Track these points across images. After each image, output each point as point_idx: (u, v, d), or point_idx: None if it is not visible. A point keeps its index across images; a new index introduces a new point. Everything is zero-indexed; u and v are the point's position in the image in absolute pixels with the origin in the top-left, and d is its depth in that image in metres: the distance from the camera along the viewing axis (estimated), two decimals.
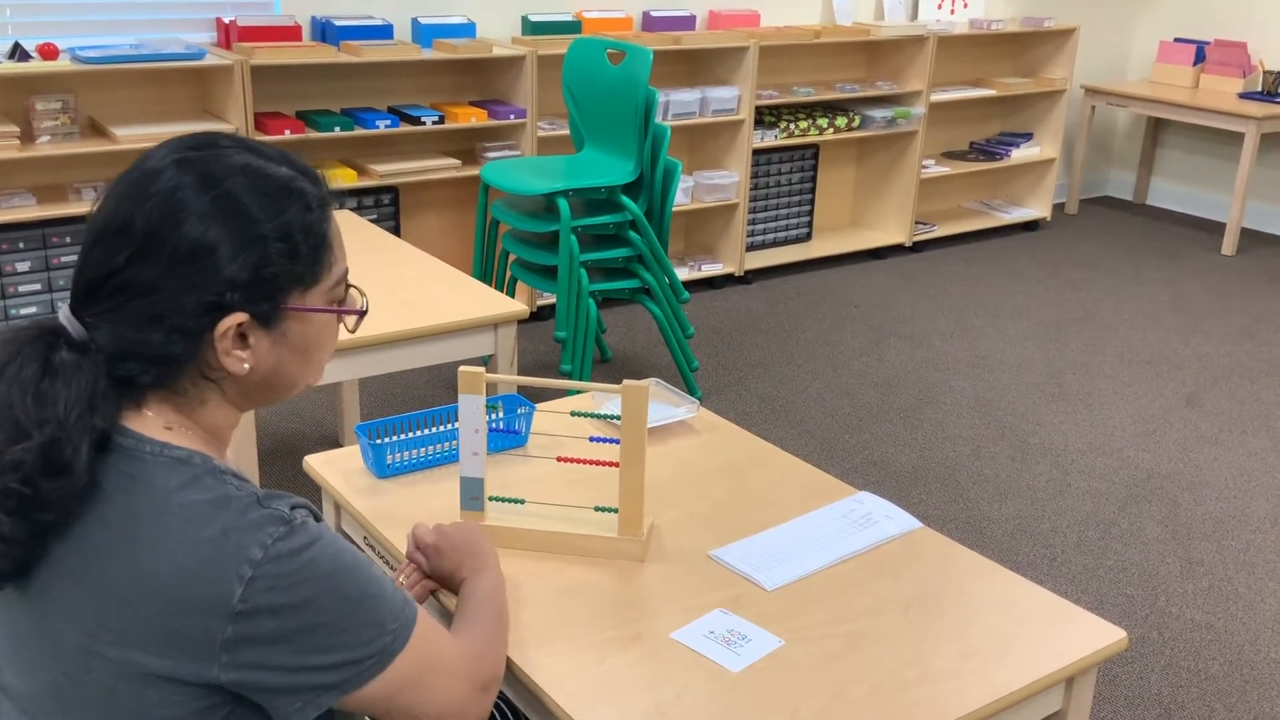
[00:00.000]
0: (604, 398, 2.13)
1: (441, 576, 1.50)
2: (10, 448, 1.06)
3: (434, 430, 1.92)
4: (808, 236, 5.59)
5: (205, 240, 1.11)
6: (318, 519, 1.18)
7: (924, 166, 5.67)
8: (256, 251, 1.13)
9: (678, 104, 4.73)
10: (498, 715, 1.51)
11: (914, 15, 5.74)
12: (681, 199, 4.88)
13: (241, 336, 1.15)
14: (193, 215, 1.11)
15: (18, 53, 3.59)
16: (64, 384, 1.09)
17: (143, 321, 1.11)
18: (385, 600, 1.16)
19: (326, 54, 3.97)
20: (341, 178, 4.11)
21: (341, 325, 1.26)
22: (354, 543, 1.84)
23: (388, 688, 1.15)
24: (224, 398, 1.19)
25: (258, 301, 1.14)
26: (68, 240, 3.75)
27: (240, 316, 1.14)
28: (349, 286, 1.25)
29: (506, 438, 1.95)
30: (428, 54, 4.17)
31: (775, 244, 5.48)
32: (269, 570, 1.08)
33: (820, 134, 5.24)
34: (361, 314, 1.25)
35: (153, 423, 1.15)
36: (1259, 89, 6.07)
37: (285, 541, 1.10)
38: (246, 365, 1.16)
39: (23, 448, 1.06)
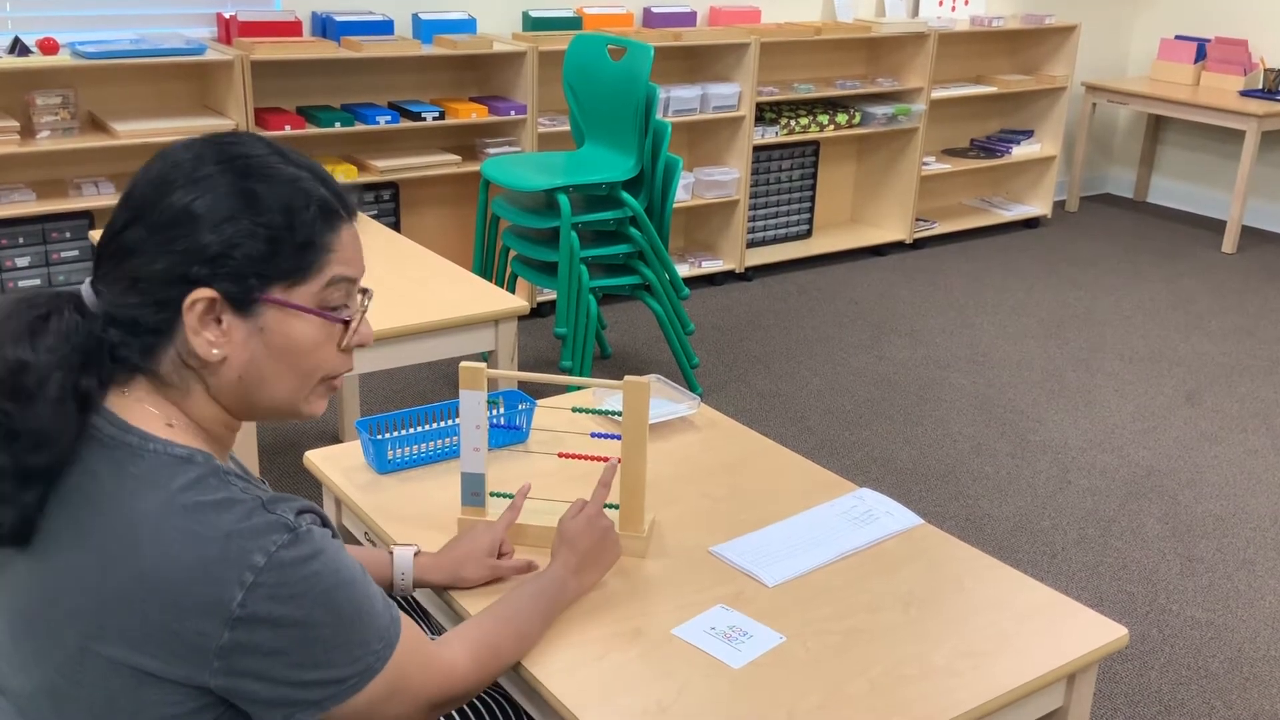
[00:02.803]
0: (605, 394, 2.13)
1: (555, 539, 1.55)
2: None
3: (435, 426, 1.92)
4: (808, 233, 5.59)
5: (185, 210, 1.12)
6: (325, 522, 1.18)
7: (924, 163, 5.67)
8: (231, 230, 1.13)
9: (678, 100, 4.73)
10: (499, 712, 1.51)
11: (915, 12, 5.74)
12: (682, 195, 4.87)
13: (217, 320, 1.14)
14: (180, 186, 1.13)
15: (18, 48, 3.58)
16: (55, 330, 1.11)
17: (125, 284, 1.13)
18: (375, 618, 1.17)
19: (327, 49, 3.97)
20: (342, 174, 4.10)
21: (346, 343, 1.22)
22: (355, 539, 1.84)
23: (360, 705, 1.17)
24: (208, 392, 1.17)
25: (224, 281, 1.13)
26: (67, 235, 3.75)
27: (207, 292, 1.13)
28: (363, 306, 1.23)
29: (507, 433, 1.95)
30: (428, 50, 4.17)
31: (775, 241, 5.48)
32: (270, 578, 1.08)
33: (821, 131, 5.23)
34: (346, 324, 1.20)
35: (154, 419, 1.14)
36: (1260, 87, 6.07)
37: (288, 550, 1.09)
38: (216, 350, 1.15)
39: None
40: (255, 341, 1.16)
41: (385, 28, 4.21)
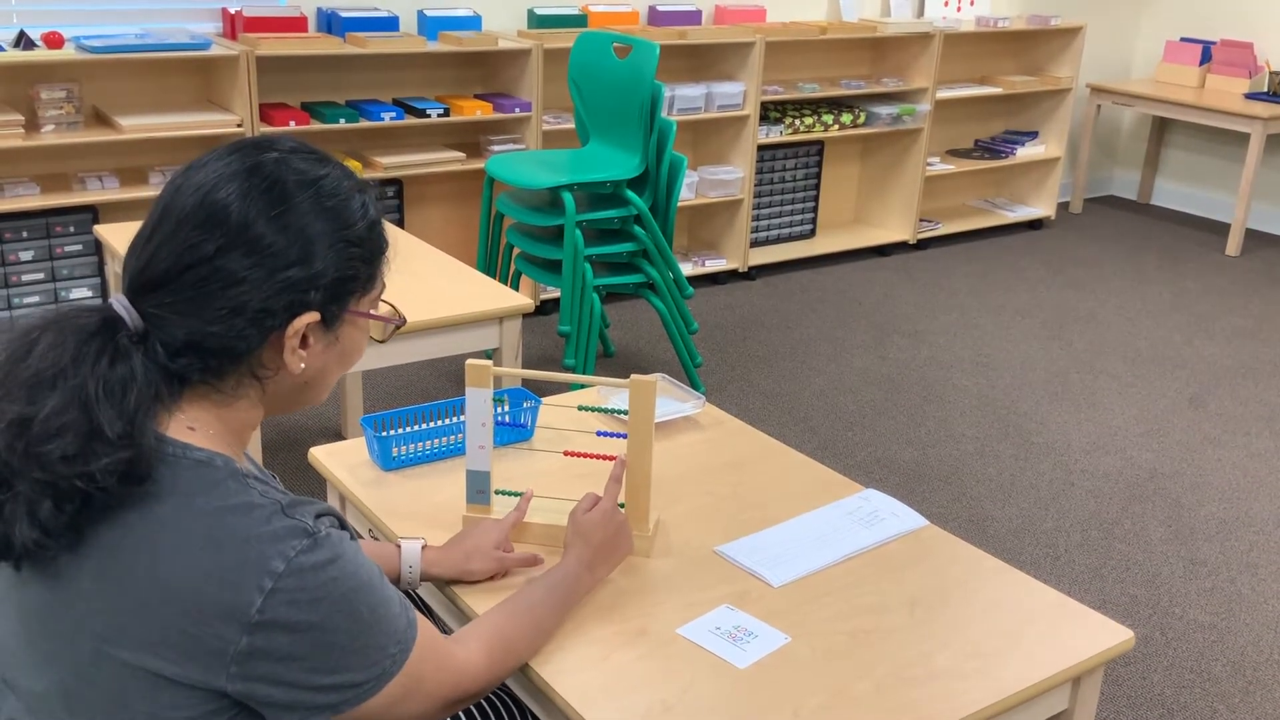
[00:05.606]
0: (610, 392, 2.12)
1: (568, 533, 1.54)
2: (93, 453, 1.05)
3: (440, 423, 1.91)
4: (812, 233, 5.58)
5: (300, 237, 1.13)
6: (343, 525, 1.18)
7: (929, 164, 5.66)
8: (339, 254, 1.15)
9: (683, 99, 4.72)
10: (504, 711, 1.51)
11: (920, 12, 5.73)
12: (686, 194, 4.87)
13: (303, 336, 1.16)
14: (290, 212, 1.13)
15: (23, 41, 3.58)
16: (134, 382, 1.08)
17: (222, 313, 1.11)
18: (391, 622, 1.17)
19: (332, 45, 3.97)
20: None
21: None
22: (359, 535, 1.84)
23: (376, 707, 1.17)
24: (261, 398, 1.19)
25: (329, 303, 1.16)
26: (71, 230, 3.75)
27: (314, 316, 1.15)
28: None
29: (512, 431, 1.95)
30: (433, 46, 4.16)
31: (779, 240, 5.48)
32: (289, 584, 1.08)
33: (825, 130, 5.23)
34: (400, 323, 1.27)
35: (177, 422, 1.14)
36: (1265, 89, 6.06)
37: (307, 555, 1.09)
38: (303, 365, 1.17)
39: (114, 460, 1.05)
40: (330, 351, 1.21)
41: (390, 24, 4.20)
